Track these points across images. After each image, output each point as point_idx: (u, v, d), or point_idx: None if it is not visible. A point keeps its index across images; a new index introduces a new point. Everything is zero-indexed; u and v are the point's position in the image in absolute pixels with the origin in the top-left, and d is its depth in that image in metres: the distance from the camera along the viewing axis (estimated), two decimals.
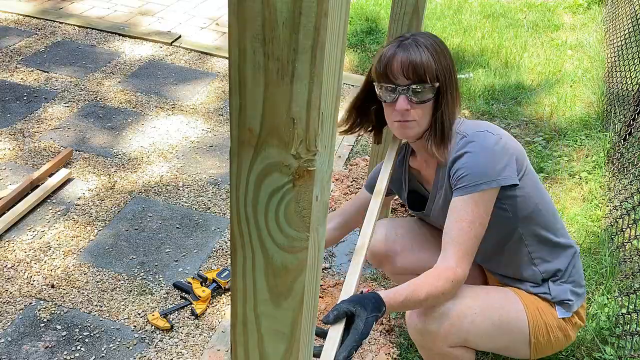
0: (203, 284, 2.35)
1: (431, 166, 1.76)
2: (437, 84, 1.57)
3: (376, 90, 1.65)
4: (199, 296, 2.28)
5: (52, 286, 2.33)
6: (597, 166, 3.20)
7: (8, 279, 2.34)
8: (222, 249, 2.59)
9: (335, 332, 1.33)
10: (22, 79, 3.69)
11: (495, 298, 1.70)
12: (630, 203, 2.63)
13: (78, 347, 2.11)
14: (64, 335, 2.15)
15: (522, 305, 1.71)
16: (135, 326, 2.21)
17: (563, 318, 1.74)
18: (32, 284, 2.33)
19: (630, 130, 3.14)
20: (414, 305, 1.56)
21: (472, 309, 1.63)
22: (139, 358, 2.09)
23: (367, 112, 1.80)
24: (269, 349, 0.80)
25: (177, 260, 2.51)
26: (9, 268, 2.39)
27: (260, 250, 0.71)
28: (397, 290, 1.51)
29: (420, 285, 1.53)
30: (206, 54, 4.24)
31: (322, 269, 2.52)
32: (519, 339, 1.71)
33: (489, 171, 1.54)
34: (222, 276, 2.36)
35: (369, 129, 1.86)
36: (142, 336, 2.17)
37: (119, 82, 3.78)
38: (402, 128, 1.63)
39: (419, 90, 1.56)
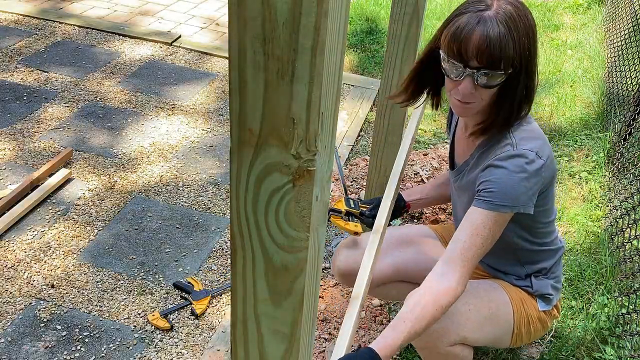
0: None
1: (466, 138, 1.70)
2: (510, 71, 1.43)
3: (442, 60, 1.50)
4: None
5: (52, 286, 2.33)
6: (597, 166, 3.20)
7: (8, 278, 2.34)
8: (222, 249, 2.59)
9: None
10: (22, 79, 3.69)
11: (484, 291, 1.71)
12: (630, 203, 2.63)
13: (78, 347, 2.11)
14: (64, 335, 2.15)
15: (508, 297, 1.73)
16: (135, 326, 2.21)
17: (544, 311, 1.77)
18: (32, 284, 2.33)
19: (630, 130, 3.14)
20: (412, 340, 1.50)
21: (466, 305, 1.63)
22: (139, 358, 2.09)
23: (429, 78, 1.65)
24: (269, 349, 0.80)
25: (177, 260, 2.51)
26: (9, 268, 2.39)
27: (260, 250, 0.72)
28: (394, 335, 1.42)
29: (420, 319, 1.44)
30: (206, 54, 4.24)
31: (322, 269, 2.52)
32: (505, 330, 1.73)
33: (519, 197, 1.47)
34: (351, 205, 2.03)
35: (429, 92, 1.72)
36: (142, 336, 2.17)
37: (119, 82, 3.78)
38: (460, 107, 1.52)
39: (488, 74, 1.43)
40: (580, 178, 3.14)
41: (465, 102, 1.50)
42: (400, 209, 2.03)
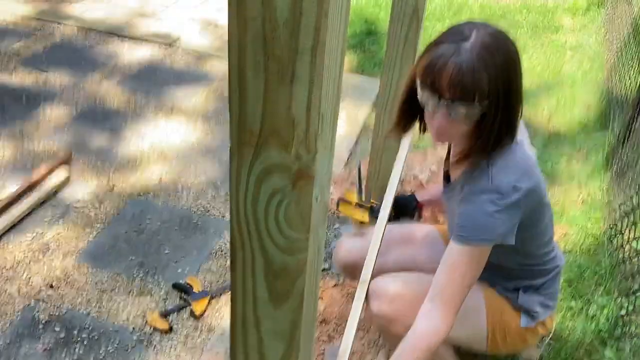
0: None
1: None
2: (485, 104, 1.39)
3: (418, 90, 1.47)
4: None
5: (51, 287, 2.32)
6: (596, 168, 3.20)
7: (7, 279, 2.34)
8: (221, 251, 2.59)
9: None
10: (20, 80, 3.69)
11: None
12: (629, 205, 2.63)
13: (77, 349, 2.11)
14: (63, 337, 2.14)
15: (484, 299, 1.70)
16: (134, 327, 2.20)
17: (525, 327, 1.73)
18: (30, 285, 2.33)
19: (630, 133, 3.14)
20: None
21: (428, 293, 1.60)
22: None
23: (416, 104, 1.60)
24: (269, 351, 0.80)
25: (176, 262, 2.51)
26: (7, 269, 2.39)
27: (260, 252, 0.71)
28: None
29: None
30: (205, 55, 4.23)
31: (322, 270, 2.52)
32: (477, 331, 1.71)
33: (493, 230, 1.46)
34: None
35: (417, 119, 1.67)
36: (141, 338, 2.17)
37: (118, 83, 3.77)
38: (436, 137, 1.51)
39: (462, 107, 1.39)
40: (580, 180, 3.14)
41: (440, 134, 1.48)
42: (412, 209, 2.01)
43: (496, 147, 1.49)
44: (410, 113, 1.64)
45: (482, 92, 1.37)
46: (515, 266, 1.69)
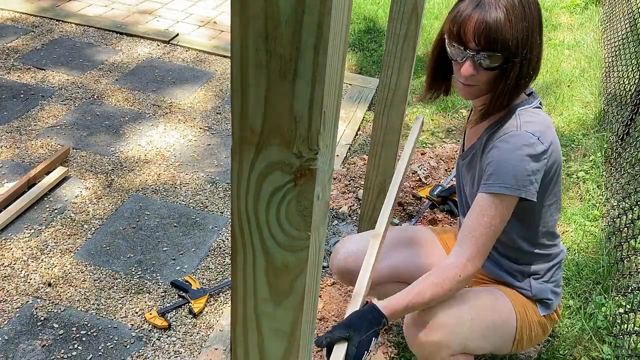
0: None
1: (474, 123, 1.72)
2: (507, 54, 1.49)
3: (446, 45, 1.58)
4: None
5: (49, 284, 2.32)
6: (594, 166, 3.21)
7: (5, 277, 2.34)
8: (220, 248, 2.59)
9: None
10: (18, 77, 3.68)
11: (485, 300, 1.71)
12: (627, 203, 2.64)
13: (75, 346, 2.11)
14: (61, 334, 2.14)
15: (511, 304, 1.72)
16: (132, 325, 2.20)
17: (544, 315, 1.77)
18: (28, 282, 2.32)
19: (628, 130, 3.15)
20: (417, 309, 1.57)
21: (468, 314, 1.63)
22: (137, 357, 2.09)
23: (442, 66, 1.71)
24: (269, 348, 0.80)
25: (174, 259, 2.50)
26: (5, 266, 2.38)
27: (261, 250, 0.71)
28: (397, 298, 1.53)
29: (424, 288, 1.54)
30: (204, 52, 4.23)
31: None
32: (508, 337, 1.72)
33: (518, 179, 1.51)
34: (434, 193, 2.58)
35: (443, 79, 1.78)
36: (140, 335, 2.17)
37: (117, 80, 3.77)
38: (464, 89, 1.59)
39: (488, 57, 1.49)
40: (578, 178, 3.15)
41: (467, 85, 1.57)
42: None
43: (514, 98, 1.57)
44: (439, 74, 1.73)
45: (504, 42, 1.46)
46: (524, 246, 1.70)
